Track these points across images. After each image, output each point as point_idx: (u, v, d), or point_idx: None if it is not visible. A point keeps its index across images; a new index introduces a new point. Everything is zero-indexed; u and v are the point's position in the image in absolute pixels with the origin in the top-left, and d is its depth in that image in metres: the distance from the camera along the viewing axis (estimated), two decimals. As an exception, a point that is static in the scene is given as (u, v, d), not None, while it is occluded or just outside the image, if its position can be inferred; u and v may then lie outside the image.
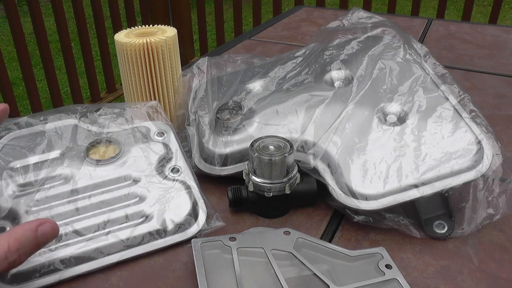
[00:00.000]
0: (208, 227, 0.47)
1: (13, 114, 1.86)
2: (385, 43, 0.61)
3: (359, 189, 0.47)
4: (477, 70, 0.88)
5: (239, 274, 0.40)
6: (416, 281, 0.42)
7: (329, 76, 0.59)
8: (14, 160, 0.49)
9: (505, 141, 0.63)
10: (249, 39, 1.08)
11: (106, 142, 0.53)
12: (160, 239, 0.46)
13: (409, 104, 0.53)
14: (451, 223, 0.47)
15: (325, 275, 0.40)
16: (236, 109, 0.58)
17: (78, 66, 2.15)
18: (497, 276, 0.43)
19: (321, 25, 1.17)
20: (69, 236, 0.45)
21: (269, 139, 0.50)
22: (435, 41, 1.04)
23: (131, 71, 0.57)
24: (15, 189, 0.47)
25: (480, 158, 0.46)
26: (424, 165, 0.47)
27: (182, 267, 0.44)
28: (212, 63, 0.65)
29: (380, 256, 0.43)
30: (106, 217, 0.46)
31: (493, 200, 0.47)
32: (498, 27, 1.13)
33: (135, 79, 0.58)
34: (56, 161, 0.50)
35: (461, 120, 0.50)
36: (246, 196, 0.49)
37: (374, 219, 0.47)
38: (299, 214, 0.51)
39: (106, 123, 0.54)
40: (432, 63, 0.58)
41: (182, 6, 2.52)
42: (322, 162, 0.50)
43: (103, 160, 0.51)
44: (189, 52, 2.64)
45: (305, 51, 0.65)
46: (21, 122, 0.53)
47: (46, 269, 0.42)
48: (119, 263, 0.44)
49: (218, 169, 0.53)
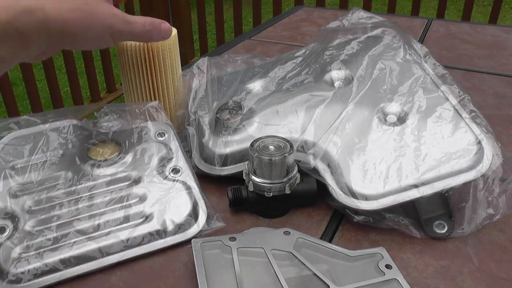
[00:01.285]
0: (208, 228, 0.47)
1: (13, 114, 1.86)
2: (385, 43, 0.61)
3: (359, 189, 0.47)
4: (477, 70, 0.88)
5: (239, 274, 0.40)
6: (416, 281, 0.42)
7: (329, 76, 0.59)
8: (15, 160, 0.49)
9: (505, 141, 0.63)
10: (249, 39, 1.08)
11: (107, 142, 0.53)
12: (160, 240, 0.46)
13: (409, 104, 0.53)
14: (451, 223, 0.47)
15: (325, 275, 0.40)
16: (236, 109, 0.58)
17: (78, 66, 2.16)
18: (497, 276, 0.43)
19: (321, 25, 1.17)
20: (69, 236, 0.45)
21: (269, 139, 0.50)
22: (435, 41, 1.04)
23: (131, 71, 0.57)
24: (16, 189, 0.47)
25: (480, 158, 0.46)
26: (424, 165, 0.47)
27: (182, 267, 0.44)
28: (212, 63, 0.65)
29: (380, 256, 0.43)
30: (106, 217, 0.46)
31: (493, 200, 0.47)
32: (498, 27, 1.13)
33: (135, 79, 0.58)
34: (57, 161, 0.50)
35: (461, 120, 0.50)
36: (246, 196, 0.49)
37: (374, 219, 0.47)
38: (299, 214, 0.51)
39: (107, 123, 0.54)
40: (432, 64, 0.58)
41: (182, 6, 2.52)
42: (322, 162, 0.50)
43: (104, 161, 0.51)
44: (189, 52, 2.64)
45: (305, 51, 0.65)
46: (21, 121, 0.53)
47: (46, 269, 0.42)
48: (119, 263, 0.44)
49: (218, 169, 0.53)
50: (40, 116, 0.53)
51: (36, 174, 0.49)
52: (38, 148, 0.51)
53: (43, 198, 0.47)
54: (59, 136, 0.52)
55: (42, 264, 0.42)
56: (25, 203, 0.46)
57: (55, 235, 0.44)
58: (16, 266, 0.42)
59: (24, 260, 0.42)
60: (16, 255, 0.42)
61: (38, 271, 0.42)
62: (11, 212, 0.46)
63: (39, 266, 0.42)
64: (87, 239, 0.45)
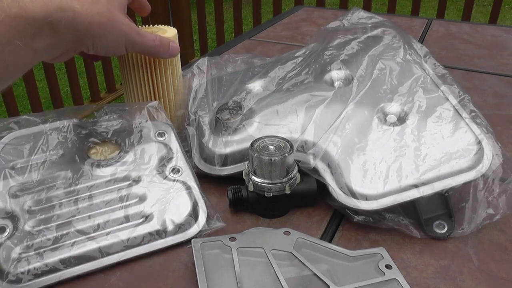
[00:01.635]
0: (208, 228, 0.47)
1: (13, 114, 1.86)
2: (385, 43, 0.61)
3: (359, 189, 0.47)
4: (477, 70, 0.88)
5: (239, 274, 0.40)
6: (416, 281, 0.42)
7: (329, 76, 0.59)
8: (15, 160, 0.49)
9: (505, 141, 0.63)
10: (249, 39, 1.08)
11: (107, 142, 0.53)
12: (160, 240, 0.46)
13: (409, 104, 0.53)
14: (451, 223, 0.47)
15: (325, 275, 0.40)
16: (236, 109, 0.58)
17: (78, 66, 2.16)
18: (497, 276, 0.43)
19: (321, 25, 1.17)
20: (69, 236, 0.45)
21: (269, 139, 0.50)
22: (435, 41, 1.04)
23: (131, 71, 0.57)
24: (16, 188, 0.47)
25: (480, 158, 0.46)
26: (424, 165, 0.47)
27: (182, 267, 0.44)
28: (212, 63, 0.65)
29: (380, 256, 0.43)
30: (106, 217, 0.46)
31: (493, 200, 0.47)
32: (498, 27, 1.13)
33: (135, 78, 0.58)
34: (57, 161, 0.50)
35: (461, 120, 0.50)
36: (246, 196, 0.49)
37: (374, 219, 0.47)
38: (299, 214, 0.51)
39: (107, 123, 0.54)
40: (432, 64, 0.58)
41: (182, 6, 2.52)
42: (322, 162, 0.50)
43: (104, 160, 0.51)
44: (189, 52, 2.64)
45: (305, 51, 0.65)
46: (21, 121, 0.53)
47: (46, 269, 0.42)
48: (119, 263, 0.44)
49: (218, 169, 0.53)
50: (40, 116, 0.53)
51: (36, 174, 0.49)
52: (38, 147, 0.51)
53: (43, 198, 0.47)
54: (59, 135, 0.52)
55: (42, 264, 0.42)
56: (25, 202, 0.46)
57: (55, 235, 0.44)
58: (16, 266, 0.42)
59: (24, 260, 0.42)
60: (16, 255, 0.42)
61: (38, 271, 0.42)
62: (11, 212, 0.46)
63: (39, 266, 0.42)
64: (87, 239, 0.45)
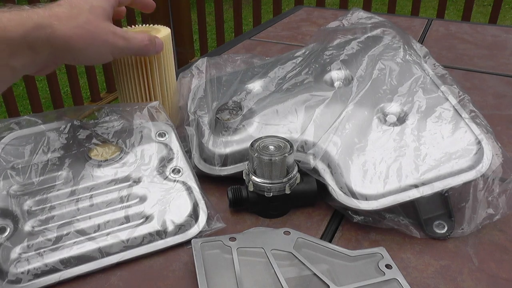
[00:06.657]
0: (209, 228, 0.47)
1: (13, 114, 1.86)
2: (385, 43, 0.61)
3: (359, 189, 0.47)
4: (477, 70, 0.88)
5: (239, 274, 0.40)
6: (416, 281, 0.42)
7: (329, 76, 0.59)
8: (15, 160, 0.49)
9: (505, 141, 0.63)
10: (249, 39, 1.08)
11: (107, 142, 0.53)
12: (160, 240, 0.46)
13: (409, 105, 0.53)
14: (451, 223, 0.47)
15: (325, 275, 0.40)
16: (236, 109, 0.58)
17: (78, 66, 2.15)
18: (497, 276, 0.43)
19: (321, 25, 1.17)
20: (69, 236, 0.45)
21: (269, 139, 0.50)
22: (435, 41, 1.04)
23: (124, 70, 0.57)
24: (16, 189, 0.47)
25: (480, 158, 0.47)
26: (424, 165, 0.47)
27: (182, 267, 0.44)
28: (212, 63, 0.65)
29: (380, 256, 0.43)
30: (106, 217, 0.46)
31: (493, 200, 0.47)
32: (498, 27, 1.13)
33: (128, 78, 0.57)
34: (57, 161, 0.50)
35: (461, 120, 0.50)
36: (246, 196, 0.49)
37: (374, 219, 0.47)
38: (299, 214, 0.51)
39: (107, 124, 0.54)
40: (432, 64, 0.58)
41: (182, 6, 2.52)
42: (322, 162, 0.50)
43: (104, 161, 0.51)
44: (189, 52, 2.63)
45: (305, 51, 0.65)
46: (22, 121, 0.53)
47: (46, 269, 0.42)
48: (119, 263, 0.44)
49: (218, 169, 0.53)
50: (40, 116, 0.53)
51: (36, 174, 0.49)
52: (39, 148, 0.51)
53: (43, 198, 0.47)
54: (59, 136, 0.52)
55: (42, 264, 0.42)
56: (26, 203, 0.46)
57: (55, 235, 0.44)
58: (16, 266, 0.42)
59: (24, 260, 0.42)
60: (16, 255, 0.43)
61: (38, 271, 0.42)
62: (11, 212, 0.46)
63: (39, 266, 0.42)
64: (87, 239, 0.45)
